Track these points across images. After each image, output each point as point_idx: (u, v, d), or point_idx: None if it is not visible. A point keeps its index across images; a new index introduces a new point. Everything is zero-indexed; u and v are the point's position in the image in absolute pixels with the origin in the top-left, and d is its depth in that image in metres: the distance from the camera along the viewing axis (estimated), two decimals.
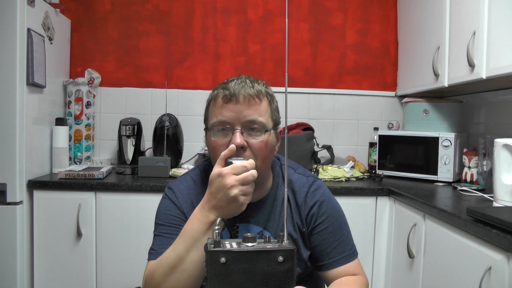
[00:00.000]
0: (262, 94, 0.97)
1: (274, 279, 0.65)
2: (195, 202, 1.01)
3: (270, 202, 1.04)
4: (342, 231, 1.05)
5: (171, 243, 0.93)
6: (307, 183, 1.06)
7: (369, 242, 1.98)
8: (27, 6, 1.86)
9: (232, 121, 0.94)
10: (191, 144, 2.50)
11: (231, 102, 0.94)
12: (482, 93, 2.22)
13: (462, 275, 1.33)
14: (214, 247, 0.65)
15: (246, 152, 0.94)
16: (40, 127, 2.06)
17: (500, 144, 1.43)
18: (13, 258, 1.84)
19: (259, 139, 0.95)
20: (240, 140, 0.92)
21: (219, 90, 0.97)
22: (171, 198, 1.05)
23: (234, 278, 0.64)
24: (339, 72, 2.63)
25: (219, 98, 0.96)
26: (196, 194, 1.05)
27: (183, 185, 1.07)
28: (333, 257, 1.02)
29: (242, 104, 0.94)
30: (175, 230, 0.98)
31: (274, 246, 0.66)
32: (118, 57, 2.54)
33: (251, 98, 0.94)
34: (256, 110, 0.95)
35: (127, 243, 1.93)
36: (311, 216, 1.04)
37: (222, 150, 0.91)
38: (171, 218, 1.02)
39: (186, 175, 1.11)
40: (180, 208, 1.03)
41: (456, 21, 1.88)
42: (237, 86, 0.95)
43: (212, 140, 0.96)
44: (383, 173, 2.27)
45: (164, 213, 1.04)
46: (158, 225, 1.04)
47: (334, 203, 1.08)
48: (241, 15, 2.57)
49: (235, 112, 0.94)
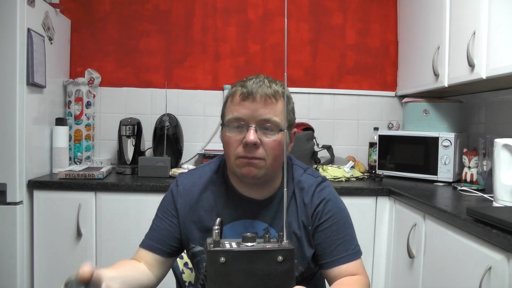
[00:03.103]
0: (279, 95, 0.98)
1: (274, 279, 0.65)
2: (194, 199, 1.06)
3: (277, 201, 1.06)
4: (346, 230, 1.06)
5: (156, 235, 1.05)
6: (315, 183, 1.08)
7: (369, 242, 1.98)
8: (27, 6, 1.86)
9: (248, 119, 0.96)
10: (191, 144, 2.50)
11: (248, 100, 0.96)
12: (482, 93, 2.22)
13: (462, 275, 1.33)
14: (213, 247, 0.65)
15: (259, 150, 0.96)
16: (40, 127, 2.06)
17: (500, 144, 1.43)
18: (13, 258, 1.84)
19: (272, 138, 0.96)
20: (253, 137, 0.94)
21: (238, 87, 0.99)
22: (173, 192, 1.09)
23: (234, 278, 0.64)
24: (339, 72, 2.63)
25: (236, 95, 0.98)
26: (199, 190, 1.07)
27: (189, 180, 1.10)
28: (336, 255, 1.03)
29: (258, 103, 0.95)
30: (163, 223, 1.07)
31: (274, 246, 0.66)
32: (118, 57, 2.54)
33: (268, 97, 0.96)
34: (272, 110, 0.96)
35: (127, 243, 1.93)
36: (316, 214, 1.05)
37: (235, 146, 0.96)
38: (164, 211, 1.08)
39: (197, 170, 1.14)
40: (176, 204, 1.07)
41: (456, 21, 1.88)
42: (255, 85, 0.96)
43: (226, 136, 0.98)
44: (383, 173, 2.27)
45: (162, 204, 1.11)
46: (156, 214, 1.11)
47: (340, 203, 1.10)
48: (241, 15, 2.57)
49: (251, 110, 0.95)
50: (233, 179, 1.06)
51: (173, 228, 1.06)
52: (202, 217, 1.05)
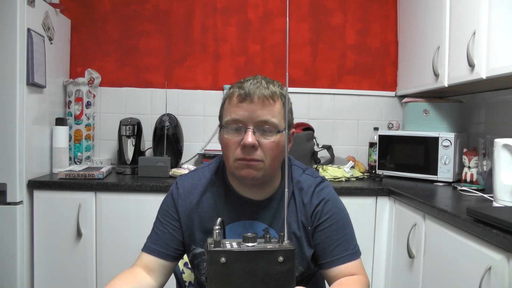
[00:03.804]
0: (277, 96, 0.98)
1: (274, 279, 0.65)
2: (194, 201, 1.06)
3: (276, 201, 1.06)
4: (345, 230, 1.06)
5: (159, 239, 1.04)
6: (314, 183, 1.08)
7: (369, 242, 1.98)
8: (27, 6, 1.86)
9: (245, 120, 0.95)
10: (191, 144, 2.50)
11: (245, 101, 0.95)
12: (482, 93, 2.22)
13: (462, 275, 1.33)
14: (214, 247, 0.65)
15: (257, 152, 0.95)
16: (40, 127, 2.06)
17: (500, 144, 1.43)
18: (13, 258, 1.84)
19: (270, 139, 0.96)
20: (251, 139, 0.94)
21: (235, 89, 0.98)
22: (173, 195, 1.09)
23: (234, 278, 0.64)
24: (339, 72, 2.63)
25: (234, 96, 0.97)
26: (199, 192, 1.07)
27: (189, 182, 1.09)
28: (335, 255, 1.03)
29: (256, 104, 0.95)
30: (165, 227, 1.06)
31: (274, 246, 0.66)
32: (118, 57, 2.54)
33: (265, 98, 0.95)
34: (270, 111, 0.96)
35: (127, 243, 1.93)
36: (315, 214, 1.05)
37: (234, 148, 0.96)
38: (165, 214, 1.08)
39: (197, 171, 1.13)
40: (176, 206, 1.07)
41: (456, 21, 1.88)
42: (253, 86, 0.96)
43: (225, 138, 0.98)
44: (383, 173, 2.27)
45: (163, 207, 1.10)
46: (157, 217, 1.10)
47: (339, 203, 1.10)
48: (241, 15, 2.57)
49: (249, 111, 0.95)
50: (232, 180, 1.06)
51: (175, 232, 1.06)
52: (203, 218, 1.05)
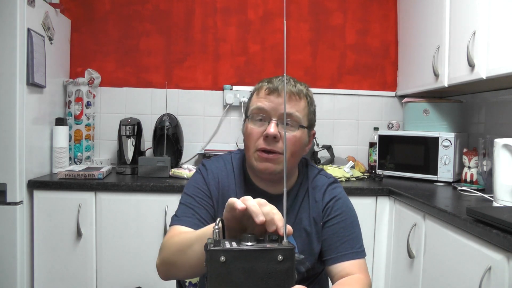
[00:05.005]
0: (303, 94, 1.03)
1: (274, 278, 0.65)
2: (221, 184, 1.09)
3: (291, 197, 1.09)
4: (353, 229, 1.09)
5: (192, 212, 1.02)
6: (327, 182, 1.13)
7: (369, 242, 1.98)
8: (27, 6, 1.86)
9: (270, 111, 1.00)
10: (191, 144, 2.50)
11: (273, 94, 1.01)
12: (482, 93, 2.22)
13: (462, 275, 1.33)
14: (214, 246, 0.65)
15: (278, 144, 0.99)
16: (40, 127, 2.06)
17: (500, 144, 1.43)
18: (13, 258, 1.84)
19: (292, 133, 1.01)
20: (274, 130, 0.98)
21: (264, 83, 1.04)
22: (203, 174, 1.11)
23: (234, 277, 0.64)
24: (339, 72, 2.63)
25: (262, 89, 1.03)
26: (224, 177, 1.10)
27: (215, 165, 1.13)
28: (341, 251, 1.05)
29: (282, 98, 0.99)
30: (198, 203, 1.05)
31: (274, 245, 0.66)
32: (118, 57, 2.54)
33: (292, 94, 1.01)
34: (294, 106, 1.01)
35: (127, 243, 1.93)
36: (326, 209, 1.09)
37: (256, 138, 1.00)
38: (197, 192, 1.08)
39: (221, 158, 1.16)
40: (208, 185, 1.09)
41: (456, 21, 1.88)
42: (281, 82, 1.01)
43: (249, 127, 1.03)
44: (383, 173, 2.27)
45: (193, 186, 1.10)
46: (185, 194, 1.09)
47: (349, 203, 1.14)
48: (241, 15, 2.57)
49: (275, 104, 1.00)
50: (251, 171, 1.09)
51: (209, 208, 1.06)
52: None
